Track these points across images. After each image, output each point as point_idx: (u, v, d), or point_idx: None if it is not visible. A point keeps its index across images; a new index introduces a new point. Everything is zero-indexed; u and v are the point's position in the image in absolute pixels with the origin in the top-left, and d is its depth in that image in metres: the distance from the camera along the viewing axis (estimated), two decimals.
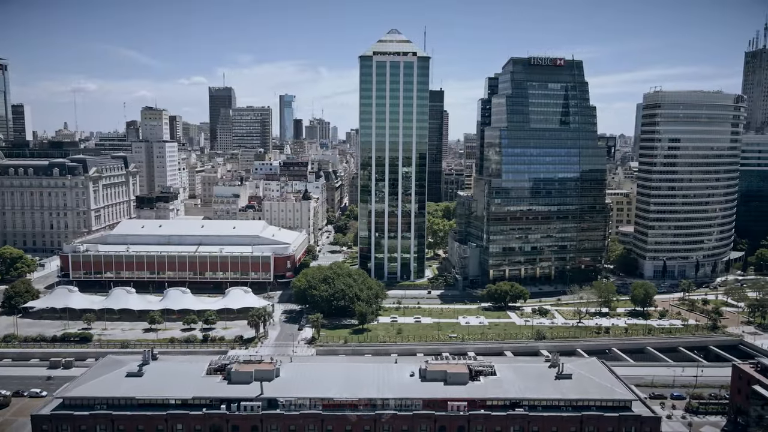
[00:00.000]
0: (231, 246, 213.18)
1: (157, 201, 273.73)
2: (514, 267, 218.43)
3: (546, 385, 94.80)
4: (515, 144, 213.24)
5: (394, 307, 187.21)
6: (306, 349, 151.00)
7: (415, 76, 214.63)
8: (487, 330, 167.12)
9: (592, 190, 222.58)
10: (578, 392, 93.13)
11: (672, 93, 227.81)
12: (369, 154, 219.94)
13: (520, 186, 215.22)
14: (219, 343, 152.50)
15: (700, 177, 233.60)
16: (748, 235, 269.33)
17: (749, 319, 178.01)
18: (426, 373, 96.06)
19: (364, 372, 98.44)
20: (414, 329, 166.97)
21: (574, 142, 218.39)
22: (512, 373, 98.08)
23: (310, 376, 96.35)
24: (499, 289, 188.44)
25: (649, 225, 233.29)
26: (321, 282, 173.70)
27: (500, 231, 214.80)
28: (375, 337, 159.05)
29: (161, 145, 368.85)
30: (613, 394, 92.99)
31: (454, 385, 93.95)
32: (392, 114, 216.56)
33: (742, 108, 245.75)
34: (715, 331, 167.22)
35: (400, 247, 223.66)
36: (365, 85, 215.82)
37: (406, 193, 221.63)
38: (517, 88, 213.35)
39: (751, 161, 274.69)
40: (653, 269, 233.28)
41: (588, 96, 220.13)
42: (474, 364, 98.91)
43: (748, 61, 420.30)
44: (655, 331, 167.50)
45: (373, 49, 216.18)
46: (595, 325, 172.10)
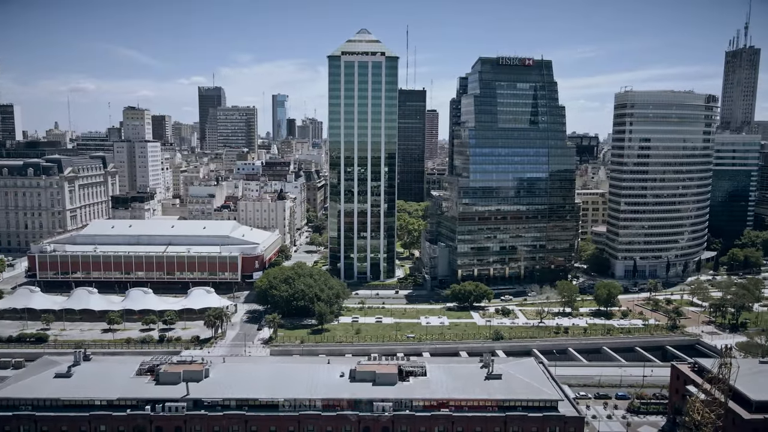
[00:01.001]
0: (200, 246, 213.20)
1: (132, 201, 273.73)
2: (483, 267, 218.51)
3: (474, 386, 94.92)
4: (483, 144, 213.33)
5: (358, 307, 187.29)
6: (261, 349, 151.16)
7: (383, 76, 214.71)
8: (447, 330, 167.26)
9: (562, 189, 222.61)
10: (505, 393, 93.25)
11: (642, 93, 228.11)
12: (338, 154, 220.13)
13: (489, 186, 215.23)
14: (175, 344, 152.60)
15: (672, 177, 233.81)
16: (722, 235, 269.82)
17: (710, 318, 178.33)
18: (355, 373, 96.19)
19: (294, 372, 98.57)
20: (373, 329, 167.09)
21: (543, 142, 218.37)
22: (443, 374, 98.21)
23: (240, 377, 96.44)
24: (464, 289, 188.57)
25: (620, 225, 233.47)
26: (282, 282, 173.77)
27: (468, 231, 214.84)
28: (332, 338, 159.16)
29: (143, 145, 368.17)
30: (540, 394, 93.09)
31: (383, 386, 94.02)
32: (361, 114, 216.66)
33: (715, 108, 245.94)
34: (674, 331, 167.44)
35: (369, 247, 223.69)
36: (333, 85, 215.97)
37: (376, 193, 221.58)
38: (485, 88, 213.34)
39: (726, 161, 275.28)
40: (624, 269, 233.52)
41: (557, 96, 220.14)
42: (405, 365, 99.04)
43: (729, 60, 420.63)
44: (615, 331, 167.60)
45: (342, 49, 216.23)
46: (555, 325, 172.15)
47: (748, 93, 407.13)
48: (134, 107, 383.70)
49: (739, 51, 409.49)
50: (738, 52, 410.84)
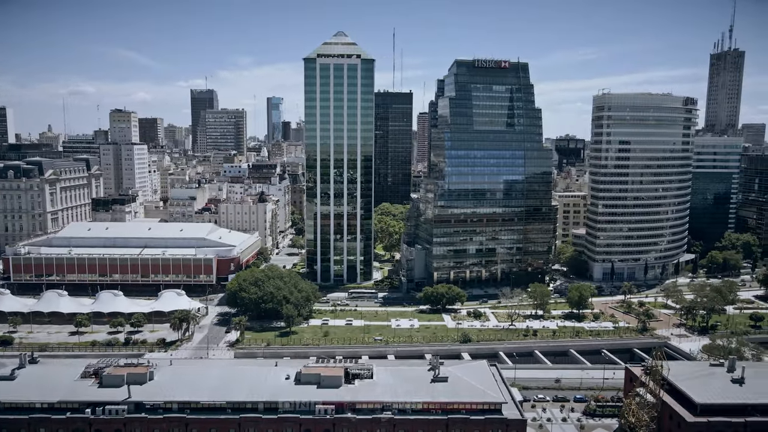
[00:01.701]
0: (176, 249, 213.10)
1: (113, 204, 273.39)
2: (460, 269, 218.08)
3: (419, 389, 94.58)
4: (459, 146, 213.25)
5: (330, 310, 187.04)
6: (226, 352, 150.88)
7: (359, 79, 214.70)
8: (416, 333, 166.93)
9: (538, 192, 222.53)
10: (450, 395, 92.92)
11: (619, 95, 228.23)
12: (314, 156, 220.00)
13: (465, 188, 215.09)
14: (140, 347, 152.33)
15: (651, 179, 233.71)
16: (703, 237, 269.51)
17: (681, 321, 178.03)
18: (301, 376, 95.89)
19: (241, 375, 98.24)
20: (342, 332, 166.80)
21: (519, 144, 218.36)
22: (389, 377, 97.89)
23: (185, 380, 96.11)
24: (436, 292, 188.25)
25: (598, 227, 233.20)
26: (251, 284, 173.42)
27: (444, 233, 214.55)
28: (300, 340, 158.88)
29: (129, 148, 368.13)
30: (484, 397, 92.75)
31: (327, 389, 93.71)
32: (336, 116, 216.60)
33: (694, 110, 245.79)
34: (643, 334, 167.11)
35: (346, 250, 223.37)
36: (309, 88, 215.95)
37: (353, 195, 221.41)
38: (460, 90, 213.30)
39: (707, 163, 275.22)
40: (602, 271, 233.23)
41: (533, 98, 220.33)
42: (352, 368, 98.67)
43: (713, 63, 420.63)
44: (583, 334, 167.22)
45: (318, 51, 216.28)
46: (526, 327, 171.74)
47: (733, 95, 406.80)
48: (121, 110, 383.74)
49: (724, 54, 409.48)
50: (722, 54, 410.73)
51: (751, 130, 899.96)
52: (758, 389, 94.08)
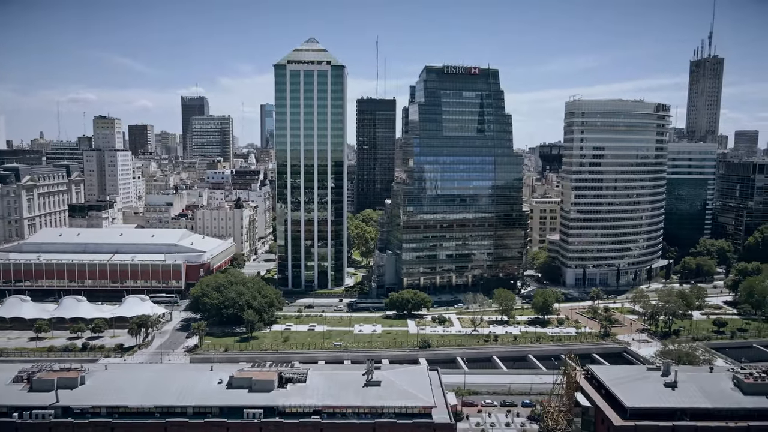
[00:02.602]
0: (146, 254, 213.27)
1: (89, 210, 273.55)
2: (430, 275, 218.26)
3: (351, 393, 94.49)
4: (428, 152, 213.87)
5: (295, 315, 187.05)
6: (182, 357, 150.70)
7: (329, 85, 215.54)
8: (377, 338, 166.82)
9: (509, 198, 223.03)
10: (380, 399, 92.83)
11: (589, 102, 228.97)
12: (284, 162, 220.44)
13: (434, 194, 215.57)
14: (97, 352, 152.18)
15: (623, 185, 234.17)
16: (678, 243, 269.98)
17: (645, 326, 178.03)
18: (233, 380, 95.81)
19: (174, 379, 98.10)
20: (303, 337, 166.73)
21: (489, 150, 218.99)
22: (322, 381, 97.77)
23: (117, 384, 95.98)
24: (401, 297, 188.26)
25: (570, 233, 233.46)
26: (214, 290, 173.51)
27: (413, 239, 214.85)
28: (259, 346, 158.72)
29: (112, 154, 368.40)
30: (415, 401, 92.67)
31: (258, 393, 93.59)
32: (307, 122, 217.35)
33: (667, 117, 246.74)
34: (604, 339, 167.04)
35: (317, 256, 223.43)
36: (279, 94, 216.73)
37: (323, 201, 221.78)
38: (430, 96, 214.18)
39: (682, 169, 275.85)
40: (575, 277, 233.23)
41: (503, 105, 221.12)
42: (286, 372, 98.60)
43: (693, 70, 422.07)
44: (545, 339, 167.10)
45: (288, 57, 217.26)
46: (488, 333, 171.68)
47: (712, 102, 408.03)
48: (105, 116, 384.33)
49: (703, 61, 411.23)
50: (701, 61, 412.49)
51: (743, 137, 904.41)
52: (689, 393, 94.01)
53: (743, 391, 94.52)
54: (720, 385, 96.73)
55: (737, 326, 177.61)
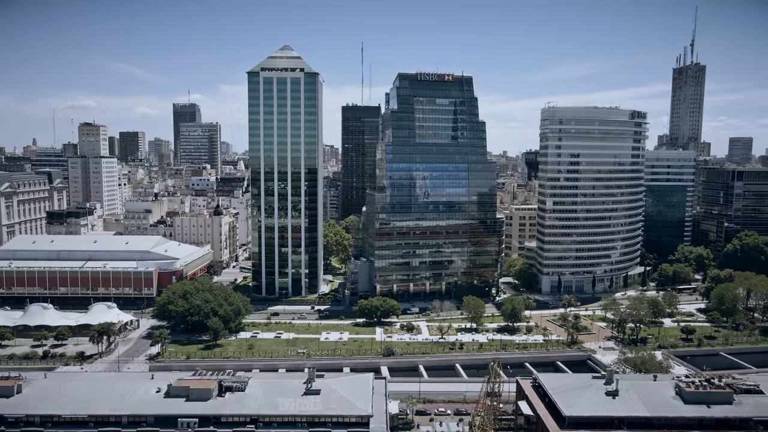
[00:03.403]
0: (119, 261, 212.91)
1: (68, 216, 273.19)
2: (403, 283, 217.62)
3: (289, 402, 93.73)
4: (400, 159, 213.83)
5: (264, 323, 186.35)
6: (142, 365, 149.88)
7: (302, 92, 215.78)
8: (342, 346, 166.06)
9: (482, 205, 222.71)
10: (318, 408, 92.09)
11: (563, 108, 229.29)
12: (258, 169, 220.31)
13: (406, 201, 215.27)
14: (57, 360, 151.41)
15: (600, 192, 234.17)
16: (658, 250, 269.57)
17: (613, 334, 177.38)
18: (171, 389, 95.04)
19: (112, 388, 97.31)
20: (268, 345, 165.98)
21: (462, 157, 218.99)
22: (262, 389, 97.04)
23: (54, 393, 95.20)
24: (371, 305, 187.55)
25: (545, 240, 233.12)
26: (179, 297, 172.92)
27: (386, 246, 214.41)
28: (221, 353, 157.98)
29: (97, 161, 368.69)
30: (352, 410, 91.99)
31: (195, 401, 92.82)
32: (280, 129, 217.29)
33: (644, 124, 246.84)
34: (570, 347, 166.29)
35: (290, 263, 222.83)
36: (253, 101, 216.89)
37: (297, 208, 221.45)
38: (402, 103, 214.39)
39: (661, 176, 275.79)
40: (550, 284, 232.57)
41: (477, 111, 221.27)
42: (226, 380, 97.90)
43: (675, 77, 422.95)
44: (511, 347, 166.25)
45: (262, 65, 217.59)
46: (455, 341, 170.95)
47: (695, 109, 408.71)
48: (90, 123, 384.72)
49: (685, 68, 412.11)
50: (683, 69, 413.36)
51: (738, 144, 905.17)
52: (630, 402, 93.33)
53: (684, 399, 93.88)
54: (662, 394, 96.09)
55: (706, 334, 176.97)
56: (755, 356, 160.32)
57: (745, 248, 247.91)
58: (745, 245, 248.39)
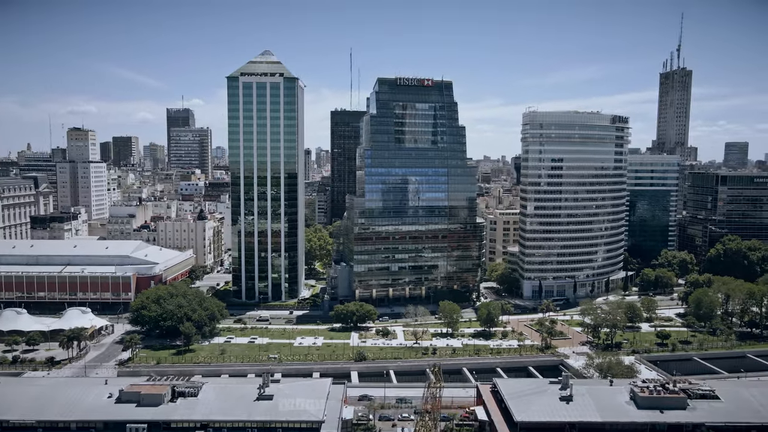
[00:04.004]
0: (98, 266, 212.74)
1: (51, 221, 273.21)
2: (382, 288, 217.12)
3: (241, 407, 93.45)
4: (379, 164, 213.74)
5: (239, 328, 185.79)
6: (111, 370, 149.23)
7: (281, 97, 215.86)
8: (315, 351, 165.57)
9: (463, 209, 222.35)
10: (269, 414, 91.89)
11: (544, 113, 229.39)
12: (237, 174, 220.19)
13: (386, 206, 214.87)
14: (27, 365, 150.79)
15: (582, 197, 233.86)
16: (642, 255, 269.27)
17: (588, 338, 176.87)
18: (122, 394, 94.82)
19: (64, 394, 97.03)
20: (241, 350, 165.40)
21: (442, 162, 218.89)
22: (215, 395, 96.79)
23: (5, 399, 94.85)
24: (347, 310, 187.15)
25: (527, 244, 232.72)
26: (153, 302, 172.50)
27: (366, 251, 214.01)
28: (191, 359, 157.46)
29: (85, 166, 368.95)
30: (302, 415, 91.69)
31: (146, 407, 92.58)
32: (260, 134, 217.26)
33: (626, 129, 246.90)
34: (544, 352, 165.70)
35: (270, 267, 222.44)
36: (232, 106, 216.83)
37: (276, 212, 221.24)
38: (382, 108, 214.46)
39: (644, 181, 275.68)
40: (532, 289, 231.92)
41: (457, 116, 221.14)
42: (179, 385, 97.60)
43: (662, 82, 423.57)
44: (485, 352, 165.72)
45: (241, 70, 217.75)
46: (429, 346, 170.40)
47: (681, 114, 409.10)
48: (79, 128, 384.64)
49: (671, 73, 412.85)
50: (670, 74, 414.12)
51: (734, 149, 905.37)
52: (583, 407, 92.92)
53: (638, 404, 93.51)
54: (616, 399, 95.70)
55: (682, 339, 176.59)
56: (728, 361, 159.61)
57: (728, 253, 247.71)
58: (728, 250, 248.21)
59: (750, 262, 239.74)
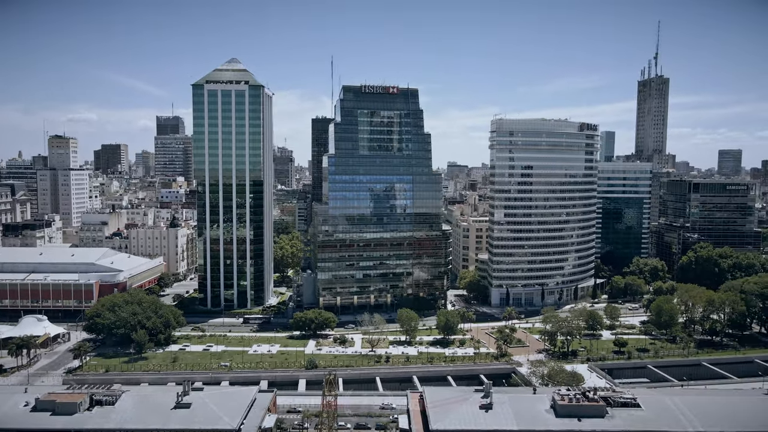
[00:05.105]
0: (62, 273, 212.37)
1: (23, 229, 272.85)
2: (347, 295, 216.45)
3: (156, 416, 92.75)
4: (343, 171, 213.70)
5: (198, 336, 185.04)
6: (57, 378, 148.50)
7: (246, 104, 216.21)
8: (268, 359, 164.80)
9: (428, 216, 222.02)
10: (185, 423, 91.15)
11: (511, 121, 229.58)
12: (203, 181, 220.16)
13: (349, 213, 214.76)
14: None
15: (550, 204, 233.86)
16: (614, 262, 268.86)
17: (546, 346, 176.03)
18: (38, 403, 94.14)
19: None
20: (193, 358, 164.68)
21: (407, 169, 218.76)
22: (132, 403, 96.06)
23: None
24: (305, 317, 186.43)
25: (495, 252, 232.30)
26: (108, 310, 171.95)
27: (330, 258, 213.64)
28: (142, 366, 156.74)
29: (66, 173, 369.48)
30: (218, 424, 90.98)
31: (61, 416, 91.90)
32: (225, 141, 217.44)
33: (595, 136, 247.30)
34: (498, 360, 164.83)
35: (236, 275, 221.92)
36: (197, 113, 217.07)
37: (242, 220, 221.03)
38: (346, 116, 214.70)
39: (617, 188, 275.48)
40: (499, 296, 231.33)
41: (422, 124, 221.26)
42: (97, 394, 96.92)
43: (640, 90, 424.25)
44: (438, 360, 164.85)
45: (207, 78, 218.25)
46: (384, 353, 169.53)
47: (659, 122, 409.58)
48: (60, 136, 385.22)
49: (648, 81, 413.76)
50: (647, 81, 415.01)
51: (727, 156, 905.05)
52: (501, 416, 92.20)
53: (556, 413, 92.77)
54: (537, 407, 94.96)
55: (641, 346, 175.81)
56: (683, 369, 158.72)
57: (699, 260, 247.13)
58: (700, 257, 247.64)
59: (720, 269, 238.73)
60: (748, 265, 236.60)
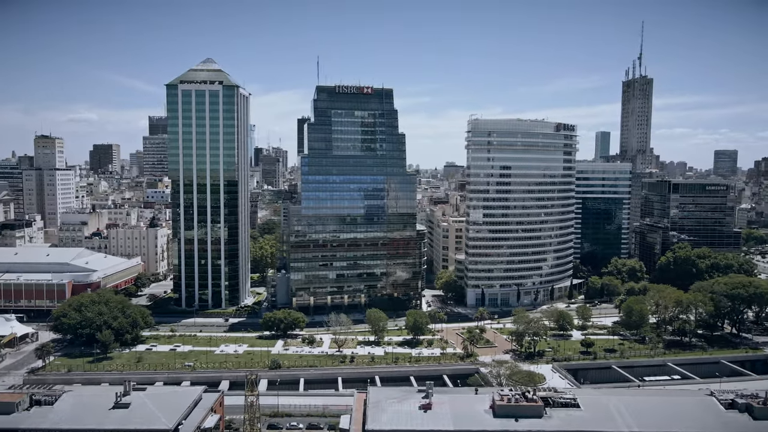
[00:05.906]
0: (36, 273, 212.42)
1: (2, 229, 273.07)
2: (321, 296, 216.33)
3: (94, 416, 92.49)
4: (316, 171, 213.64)
5: (167, 335, 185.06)
6: (19, 378, 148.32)
7: (220, 105, 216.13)
8: (234, 359, 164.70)
9: (402, 216, 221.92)
10: (121, 423, 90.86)
11: (487, 121, 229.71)
12: (177, 181, 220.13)
13: (323, 213, 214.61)
14: None
15: (528, 204, 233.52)
16: (594, 262, 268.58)
17: (513, 347, 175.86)
18: None
19: None
20: (158, 358, 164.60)
21: (381, 170, 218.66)
22: (71, 403, 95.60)
23: None
24: (274, 317, 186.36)
25: (471, 252, 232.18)
26: (74, 310, 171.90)
27: (303, 258, 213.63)
28: (106, 366, 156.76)
29: (51, 173, 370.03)
30: (154, 424, 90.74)
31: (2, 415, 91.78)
32: (199, 141, 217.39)
33: (573, 137, 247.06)
34: (464, 360, 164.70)
35: (210, 275, 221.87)
36: (171, 113, 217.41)
37: (217, 220, 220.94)
38: (320, 116, 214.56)
39: (596, 188, 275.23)
40: (475, 297, 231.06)
41: (397, 124, 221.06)
42: (37, 393, 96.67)
43: (624, 90, 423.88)
44: (404, 360, 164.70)
45: (181, 77, 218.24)
46: (350, 354, 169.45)
47: (643, 122, 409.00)
48: (46, 136, 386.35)
49: (632, 81, 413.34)
50: (631, 82, 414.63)
51: (723, 157, 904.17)
52: (439, 416, 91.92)
53: (494, 413, 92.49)
54: (476, 408, 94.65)
55: (609, 347, 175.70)
56: (648, 369, 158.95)
57: (677, 261, 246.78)
58: (678, 258, 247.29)
59: (698, 270, 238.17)
60: (726, 265, 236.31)
